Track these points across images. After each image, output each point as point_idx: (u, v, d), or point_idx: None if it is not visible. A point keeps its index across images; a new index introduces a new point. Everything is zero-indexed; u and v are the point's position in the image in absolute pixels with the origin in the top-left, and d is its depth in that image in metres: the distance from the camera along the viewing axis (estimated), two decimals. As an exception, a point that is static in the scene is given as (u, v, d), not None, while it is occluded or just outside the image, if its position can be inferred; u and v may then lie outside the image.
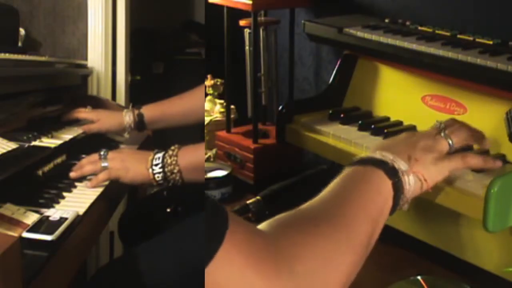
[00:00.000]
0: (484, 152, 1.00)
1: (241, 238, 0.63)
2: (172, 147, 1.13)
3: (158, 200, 1.48)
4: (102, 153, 1.16)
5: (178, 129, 1.46)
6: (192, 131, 1.55)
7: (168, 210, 1.41)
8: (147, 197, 1.77)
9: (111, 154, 1.16)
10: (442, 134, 0.90)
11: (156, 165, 1.12)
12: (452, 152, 0.90)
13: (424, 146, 0.87)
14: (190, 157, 1.11)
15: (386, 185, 0.80)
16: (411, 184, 0.82)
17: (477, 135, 0.96)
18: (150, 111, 1.45)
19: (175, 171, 1.11)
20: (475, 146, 1.00)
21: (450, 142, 0.90)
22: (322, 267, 0.68)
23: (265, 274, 0.63)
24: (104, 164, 1.15)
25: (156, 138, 1.65)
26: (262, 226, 0.70)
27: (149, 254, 1.16)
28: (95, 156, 1.17)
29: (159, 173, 1.11)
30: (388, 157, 0.82)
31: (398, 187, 0.80)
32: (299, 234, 0.69)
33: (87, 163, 1.17)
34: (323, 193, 0.78)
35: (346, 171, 0.82)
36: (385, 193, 0.79)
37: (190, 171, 1.11)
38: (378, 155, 0.83)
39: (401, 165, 0.82)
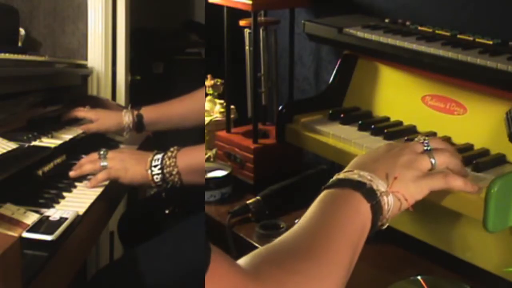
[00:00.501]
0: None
1: (222, 273, 0.62)
2: (171, 149, 1.13)
3: (157, 201, 1.48)
4: (101, 152, 1.16)
5: (178, 130, 1.46)
6: (192, 132, 1.55)
7: (167, 211, 1.41)
8: (146, 198, 1.77)
9: (110, 154, 1.16)
10: (426, 151, 0.88)
11: (155, 166, 1.11)
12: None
13: (405, 162, 0.84)
14: (189, 159, 1.11)
15: (365, 207, 0.78)
16: (390, 204, 0.80)
17: (458, 163, 0.91)
18: (149, 112, 1.45)
19: (174, 172, 1.11)
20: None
21: (433, 161, 0.87)
22: None
23: None
24: (103, 163, 1.15)
25: (156, 139, 1.65)
26: (242, 261, 0.69)
27: (149, 255, 1.16)
28: (94, 156, 1.17)
29: (157, 174, 1.11)
30: (366, 177, 0.80)
31: (376, 209, 0.79)
32: (282, 274, 0.68)
33: (86, 162, 1.17)
34: (303, 221, 0.77)
35: (324, 194, 0.81)
36: (363, 216, 0.78)
37: (189, 173, 1.11)
38: (355, 175, 0.81)
39: (379, 185, 0.80)
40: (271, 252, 0.71)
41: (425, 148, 0.88)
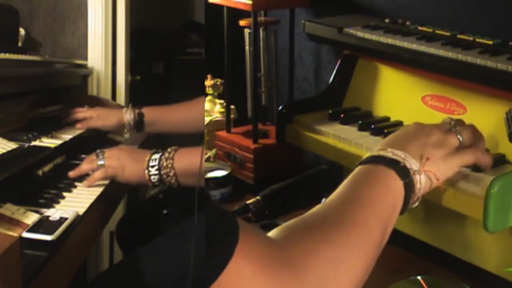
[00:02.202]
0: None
1: (252, 249, 0.62)
2: (169, 149, 1.12)
3: (156, 203, 1.48)
4: (99, 152, 1.16)
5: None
6: (192, 136, 1.55)
7: (165, 212, 1.41)
8: (145, 200, 1.77)
9: (108, 152, 1.16)
10: (453, 129, 0.90)
11: (153, 166, 1.11)
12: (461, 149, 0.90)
13: (435, 141, 0.87)
14: (186, 161, 1.10)
15: (398, 185, 0.79)
16: (422, 183, 0.82)
17: (482, 137, 0.95)
18: (150, 112, 1.45)
19: (171, 174, 1.10)
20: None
21: (461, 138, 0.89)
22: (334, 274, 0.67)
23: (277, 285, 0.62)
24: (101, 162, 1.15)
25: (156, 138, 1.65)
26: (272, 233, 0.69)
27: (149, 256, 1.16)
28: (92, 156, 1.17)
29: (155, 174, 1.11)
30: (400, 156, 0.82)
31: (409, 187, 0.80)
32: (310, 243, 0.68)
33: (84, 162, 1.17)
34: (334, 195, 0.77)
35: (358, 169, 0.82)
36: (396, 193, 0.79)
37: (186, 175, 1.10)
38: (389, 153, 0.82)
39: (412, 164, 0.82)
40: (300, 222, 0.72)
41: (452, 126, 0.91)
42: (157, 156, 1.12)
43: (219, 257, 0.59)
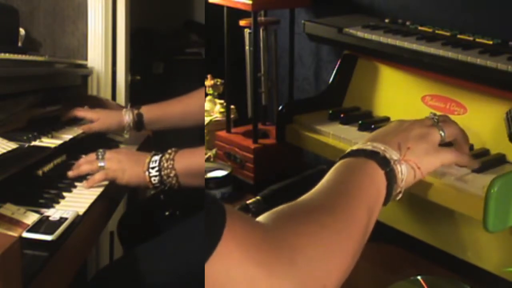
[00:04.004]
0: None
1: (239, 232, 0.63)
2: (169, 150, 1.12)
3: (157, 203, 1.48)
4: (99, 153, 1.16)
5: (179, 130, 1.46)
6: (192, 132, 1.55)
7: (167, 213, 1.41)
8: (146, 199, 1.77)
9: (108, 154, 1.16)
10: (435, 125, 0.91)
11: (153, 168, 1.11)
12: (441, 145, 0.91)
13: (417, 134, 0.87)
14: (187, 162, 1.10)
15: (379, 175, 0.80)
16: (404, 173, 0.83)
17: (465, 133, 0.95)
18: (149, 111, 1.45)
19: (172, 175, 1.10)
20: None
21: (442, 133, 0.90)
22: (322, 256, 0.68)
23: (265, 265, 0.63)
24: (101, 164, 1.15)
25: (156, 139, 1.65)
26: (260, 218, 0.70)
27: (149, 256, 1.16)
28: (92, 156, 1.17)
29: (155, 176, 1.11)
30: (379, 147, 0.83)
31: (390, 177, 0.81)
32: (298, 225, 0.69)
33: (84, 163, 1.17)
34: (319, 186, 0.79)
35: (339, 163, 0.83)
36: (378, 183, 0.80)
37: (186, 176, 1.11)
38: (369, 146, 0.84)
39: (392, 154, 0.83)
40: (288, 208, 0.73)
41: (434, 121, 0.91)
42: (157, 157, 1.12)
43: (208, 241, 0.60)
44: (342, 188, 0.77)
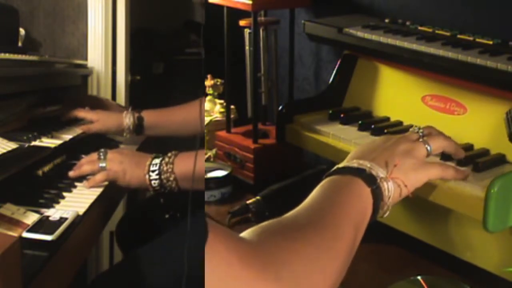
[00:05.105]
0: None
1: (222, 248, 0.62)
2: (169, 154, 1.12)
3: (156, 206, 1.48)
4: (101, 153, 1.16)
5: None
6: (192, 139, 1.54)
7: (167, 216, 1.41)
8: (146, 200, 1.77)
9: (110, 155, 1.16)
10: (421, 139, 0.90)
11: (153, 171, 1.11)
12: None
13: (403, 151, 0.86)
14: (186, 166, 1.10)
15: (365, 192, 0.79)
16: (391, 190, 0.81)
17: (453, 144, 0.94)
18: (150, 115, 1.45)
19: (171, 178, 1.10)
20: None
21: (429, 148, 0.89)
22: (308, 272, 0.67)
23: (250, 280, 0.62)
24: (102, 164, 1.15)
25: (156, 139, 1.65)
26: (246, 233, 0.69)
27: (148, 258, 1.16)
28: (93, 156, 1.17)
29: (155, 179, 1.11)
30: (366, 165, 0.82)
31: (377, 194, 0.80)
32: (284, 240, 0.68)
33: (85, 163, 1.17)
34: (305, 203, 0.78)
35: (325, 181, 0.82)
36: (365, 201, 0.79)
37: (186, 180, 1.11)
38: (355, 163, 0.83)
39: (379, 171, 0.82)
40: (273, 223, 0.72)
41: (420, 136, 0.90)
42: (157, 160, 1.12)
43: None
44: (329, 205, 0.77)
